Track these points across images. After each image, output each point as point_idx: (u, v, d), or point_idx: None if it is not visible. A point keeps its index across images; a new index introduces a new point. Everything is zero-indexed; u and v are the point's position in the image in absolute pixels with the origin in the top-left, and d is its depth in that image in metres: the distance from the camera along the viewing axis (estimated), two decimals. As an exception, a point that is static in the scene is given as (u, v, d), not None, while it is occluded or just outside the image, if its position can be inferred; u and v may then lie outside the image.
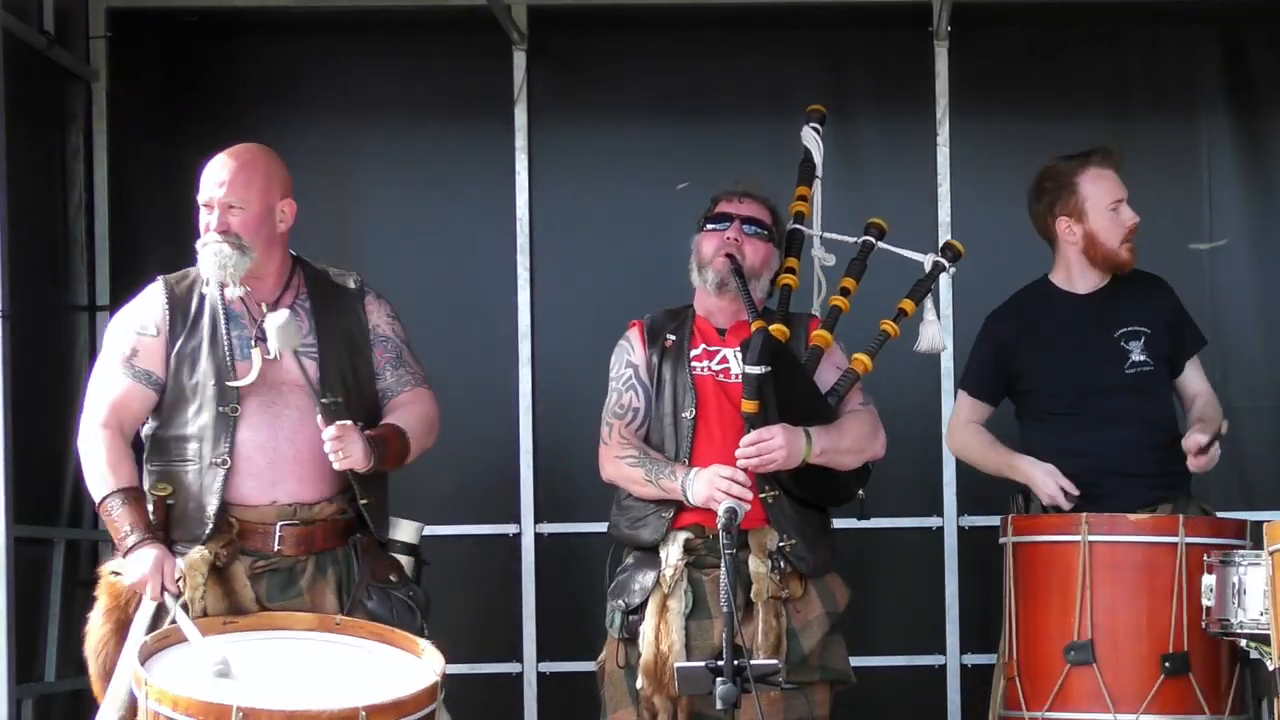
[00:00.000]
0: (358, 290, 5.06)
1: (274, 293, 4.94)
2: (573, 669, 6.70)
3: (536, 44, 6.83)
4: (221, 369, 4.83)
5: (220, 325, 4.87)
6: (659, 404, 5.21)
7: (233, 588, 4.76)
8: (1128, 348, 5.53)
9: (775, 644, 5.01)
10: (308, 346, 4.88)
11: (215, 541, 4.77)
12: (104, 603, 4.85)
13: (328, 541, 4.86)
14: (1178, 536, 5.08)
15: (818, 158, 5.62)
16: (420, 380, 5.05)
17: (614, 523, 5.25)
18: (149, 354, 4.88)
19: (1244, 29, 6.81)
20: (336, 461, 4.75)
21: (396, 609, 4.84)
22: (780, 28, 6.87)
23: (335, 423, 4.74)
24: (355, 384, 4.93)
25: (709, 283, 5.23)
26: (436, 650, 4.64)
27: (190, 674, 4.43)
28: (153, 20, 6.84)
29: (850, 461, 5.18)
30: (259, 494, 4.81)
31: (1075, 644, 5.14)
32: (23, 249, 5.80)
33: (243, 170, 4.93)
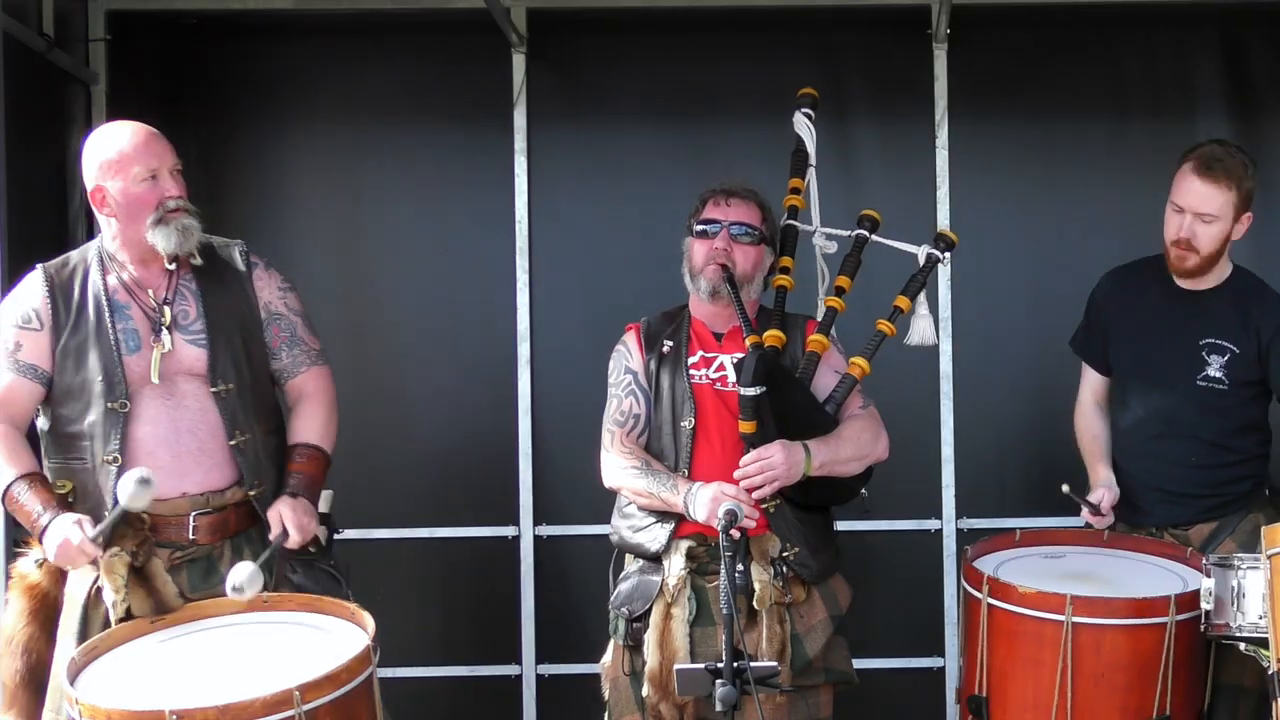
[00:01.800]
0: (245, 263, 4.94)
1: (161, 276, 4.83)
2: (571, 671, 6.70)
3: (536, 47, 6.83)
4: (109, 364, 4.75)
5: (105, 317, 4.78)
6: (657, 412, 5.20)
7: (154, 586, 4.71)
8: (1207, 360, 5.37)
9: (780, 650, 5.01)
10: (196, 334, 4.81)
11: (128, 540, 4.70)
12: (25, 604, 4.78)
13: (241, 524, 4.84)
14: (1064, 615, 4.95)
15: (810, 145, 5.60)
16: (316, 357, 4.99)
17: (615, 528, 5.25)
18: (33, 347, 4.79)
19: (1242, 32, 6.81)
20: (300, 543, 4.75)
21: (321, 580, 4.82)
22: (779, 30, 6.87)
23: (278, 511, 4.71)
24: (249, 368, 4.86)
25: (701, 291, 5.22)
26: (368, 614, 4.57)
27: (131, 679, 4.39)
28: (152, 23, 6.83)
29: (853, 468, 5.17)
30: (168, 487, 4.73)
31: (974, 697, 5.12)
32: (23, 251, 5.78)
33: (161, 136, 4.83)
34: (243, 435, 4.82)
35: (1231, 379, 5.36)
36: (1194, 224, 5.35)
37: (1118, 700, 5.00)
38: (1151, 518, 5.40)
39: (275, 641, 4.57)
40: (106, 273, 4.82)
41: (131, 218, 4.77)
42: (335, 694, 4.29)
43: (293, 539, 4.74)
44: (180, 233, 4.76)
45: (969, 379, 6.79)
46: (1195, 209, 5.34)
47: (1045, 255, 6.81)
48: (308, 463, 4.88)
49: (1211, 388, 5.36)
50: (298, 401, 4.97)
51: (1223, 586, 4.88)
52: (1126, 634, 4.98)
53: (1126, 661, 4.99)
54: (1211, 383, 5.36)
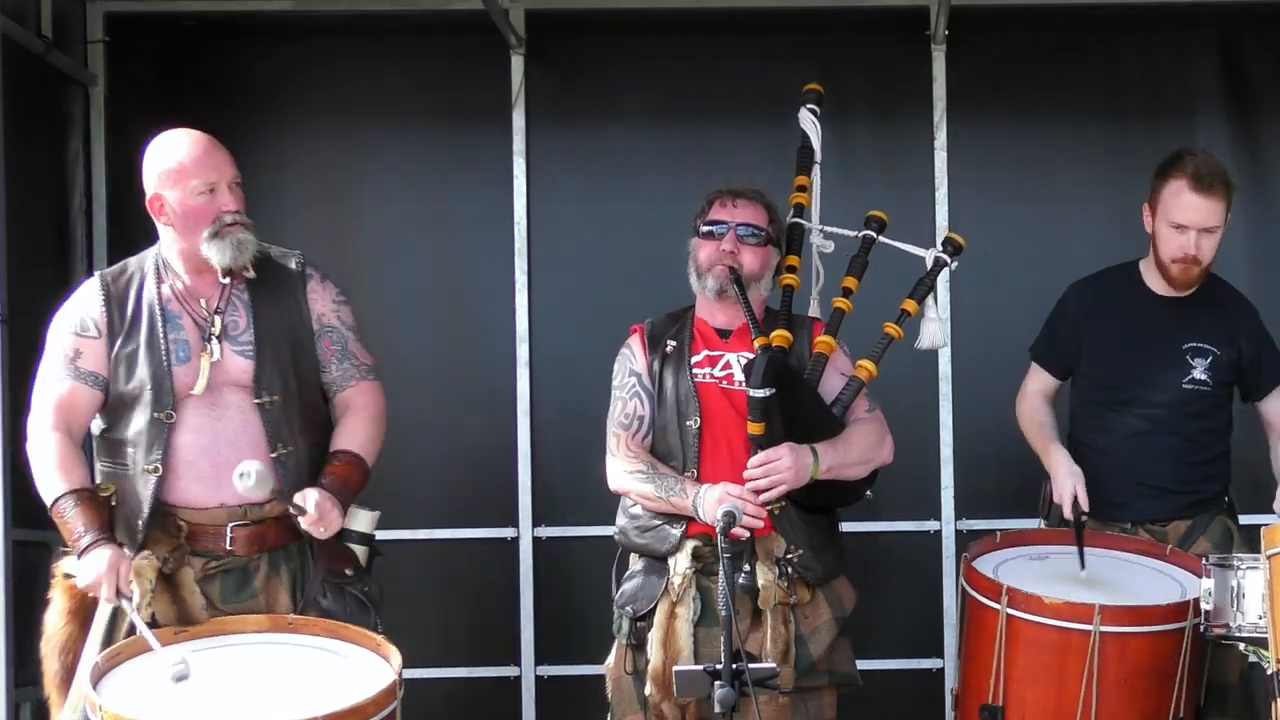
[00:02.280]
0: (300, 274, 4.91)
1: (214, 286, 4.82)
2: (571, 672, 6.70)
3: (534, 48, 6.83)
4: (159, 373, 4.74)
5: (158, 326, 4.78)
6: (661, 412, 5.19)
7: (181, 595, 4.70)
8: (1192, 363, 5.45)
9: (784, 651, 5.01)
10: (244, 345, 4.80)
11: (161, 546, 4.70)
12: (64, 603, 4.78)
13: (280, 538, 4.80)
14: (1092, 625, 4.97)
15: (815, 142, 5.59)
16: (366, 372, 4.95)
17: (622, 529, 5.23)
18: (91, 355, 4.79)
19: (1240, 33, 6.82)
20: (317, 535, 4.71)
21: (350, 606, 4.77)
22: (778, 32, 6.87)
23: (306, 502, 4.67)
24: (296, 381, 4.82)
25: (708, 290, 5.21)
26: (394, 646, 4.57)
27: (143, 692, 4.37)
28: (151, 24, 6.84)
29: (859, 472, 5.17)
30: (206, 497, 4.74)
31: (988, 707, 5.11)
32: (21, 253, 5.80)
33: (223, 148, 4.81)
34: (285, 448, 4.78)
35: (1217, 380, 5.46)
36: (1199, 239, 5.40)
37: (1138, 705, 5.03)
38: (1130, 512, 5.45)
39: (297, 665, 4.55)
40: (161, 281, 4.82)
41: (188, 229, 4.76)
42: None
43: (309, 517, 4.67)
44: (235, 247, 4.74)
45: (968, 380, 6.80)
46: (1200, 225, 5.39)
47: (1044, 256, 6.81)
48: (343, 466, 4.82)
49: (1198, 390, 5.46)
50: (344, 414, 4.93)
51: (1222, 587, 4.90)
52: (1150, 640, 5.02)
53: (1148, 667, 5.02)
54: (1198, 385, 5.46)
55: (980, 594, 5.14)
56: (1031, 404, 5.70)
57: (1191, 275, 5.45)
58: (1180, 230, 5.39)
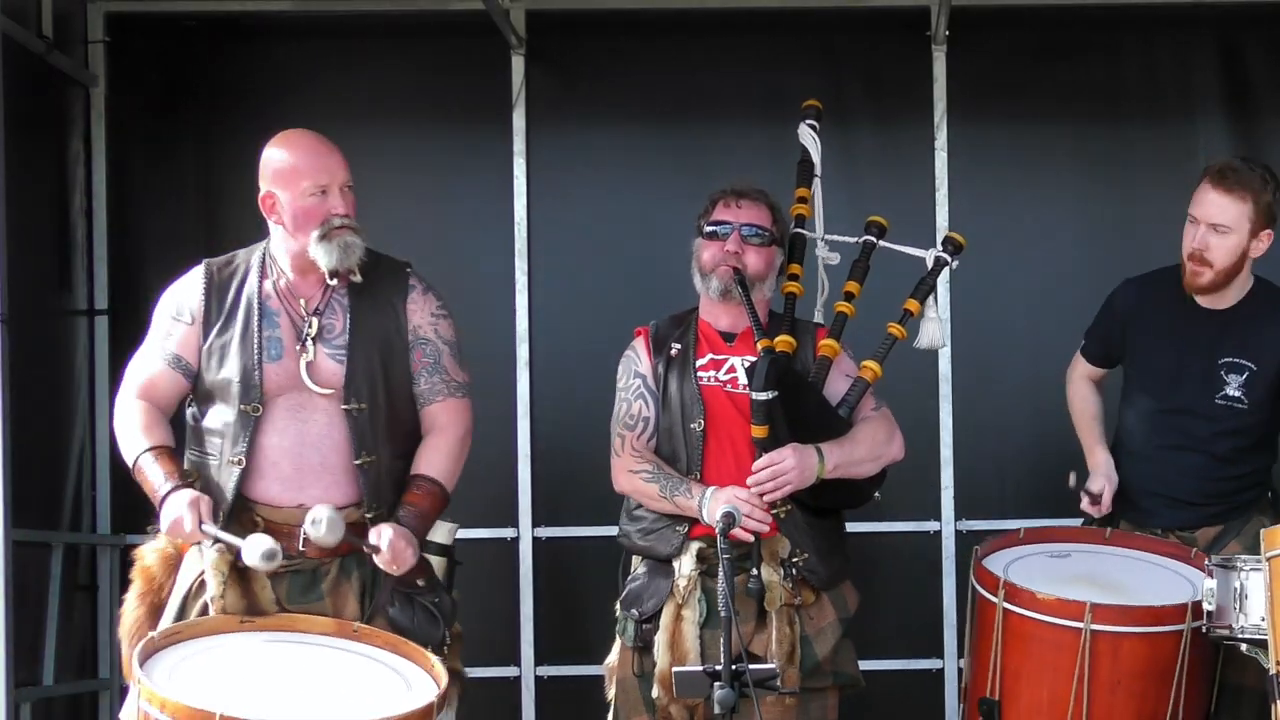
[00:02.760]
0: (402, 283, 4.91)
1: (317, 286, 4.82)
2: (571, 673, 6.71)
3: (535, 49, 6.84)
4: (249, 367, 4.74)
5: (254, 321, 4.77)
6: (666, 415, 5.17)
7: (252, 588, 4.69)
8: (1225, 379, 5.33)
9: (789, 652, 4.99)
10: (338, 348, 4.79)
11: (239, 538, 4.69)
12: (138, 586, 4.80)
13: (353, 546, 4.76)
14: (1083, 623, 4.94)
15: (815, 156, 5.58)
16: (454, 389, 4.92)
17: (624, 531, 5.22)
18: (184, 340, 4.80)
19: (1240, 34, 6.82)
20: (393, 573, 4.69)
21: (419, 617, 4.75)
22: (778, 32, 6.88)
23: (380, 540, 4.64)
24: (385, 388, 4.81)
25: (712, 291, 5.20)
26: (444, 668, 4.55)
27: (197, 673, 4.40)
28: (151, 25, 6.84)
29: (867, 470, 5.15)
30: (286, 497, 4.74)
31: (986, 700, 5.10)
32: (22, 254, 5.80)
33: (338, 151, 4.83)
34: (369, 456, 4.76)
35: (1250, 398, 5.33)
36: (1207, 235, 5.28)
37: (1133, 707, 5.00)
38: (1158, 519, 5.39)
39: (349, 673, 4.54)
40: (265, 277, 4.82)
41: (297, 229, 4.75)
42: None
43: (382, 556, 4.65)
44: (342, 249, 4.73)
45: (968, 381, 6.80)
46: (1209, 219, 5.28)
47: (1044, 257, 6.82)
48: (423, 496, 4.79)
49: (1231, 407, 5.34)
50: (429, 432, 4.89)
51: (1225, 588, 4.87)
52: (1144, 641, 4.99)
53: (1143, 669, 4.99)
54: (1231, 402, 5.34)
55: (981, 587, 5.14)
56: (1080, 389, 5.61)
57: (1201, 280, 5.31)
58: (1193, 224, 5.31)
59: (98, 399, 6.73)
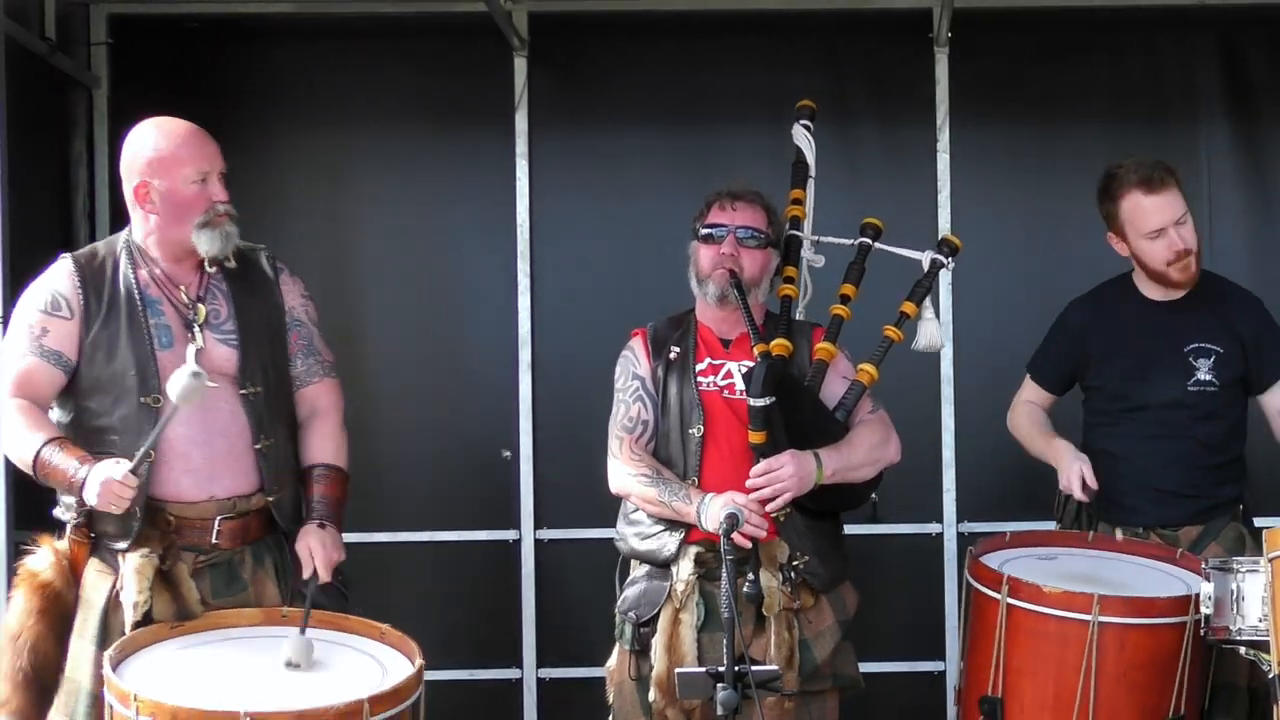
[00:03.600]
0: (272, 268, 4.92)
1: (192, 274, 4.81)
2: (572, 675, 6.71)
3: (538, 50, 6.84)
4: (142, 358, 4.70)
5: (138, 310, 4.74)
6: (665, 419, 5.18)
7: (179, 591, 4.67)
8: (1195, 364, 5.42)
9: (788, 656, 4.99)
10: (227, 334, 4.78)
11: (155, 542, 4.67)
12: (34, 601, 4.70)
13: (260, 531, 4.79)
14: (1090, 615, 4.95)
15: (810, 157, 5.58)
16: (328, 369, 4.96)
17: (622, 535, 5.22)
18: (59, 334, 4.73)
19: (1242, 35, 6.82)
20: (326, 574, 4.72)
21: (333, 595, 4.76)
22: (781, 34, 6.87)
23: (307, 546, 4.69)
24: (275, 372, 4.83)
25: (709, 295, 5.20)
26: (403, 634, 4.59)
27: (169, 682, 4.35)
28: (154, 26, 6.85)
29: (865, 474, 5.16)
30: (196, 490, 4.72)
31: (987, 698, 5.11)
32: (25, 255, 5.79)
33: (211, 138, 4.81)
34: (267, 440, 4.78)
35: (1223, 378, 5.42)
36: (1179, 230, 5.39)
37: (1137, 700, 5.00)
38: (1142, 517, 5.43)
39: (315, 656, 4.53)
40: (137, 267, 4.79)
41: (176, 218, 4.75)
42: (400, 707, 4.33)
43: (322, 578, 4.69)
44: (224, 237, 4.75)
45: (970, 383, 6.80)
46: (1173, 218, 5.39)
47: (1046, 258, 6.81)
48: (330, 485, 4.84)
49: (1203, 391, 5.42)
50: (310, 416, 4.92)
51: (1222, 590, 4.89)
52: (1149, 633, 4.99)
53: (1147, 661, 4.99)
54: (1203, 386, 5.42)
55: (982, 585, 5.13)
56: (1024, 409, 5.71)
57: (1191, 269, 5.42)
58: (1159, 236, 5.39)
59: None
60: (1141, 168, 5.43)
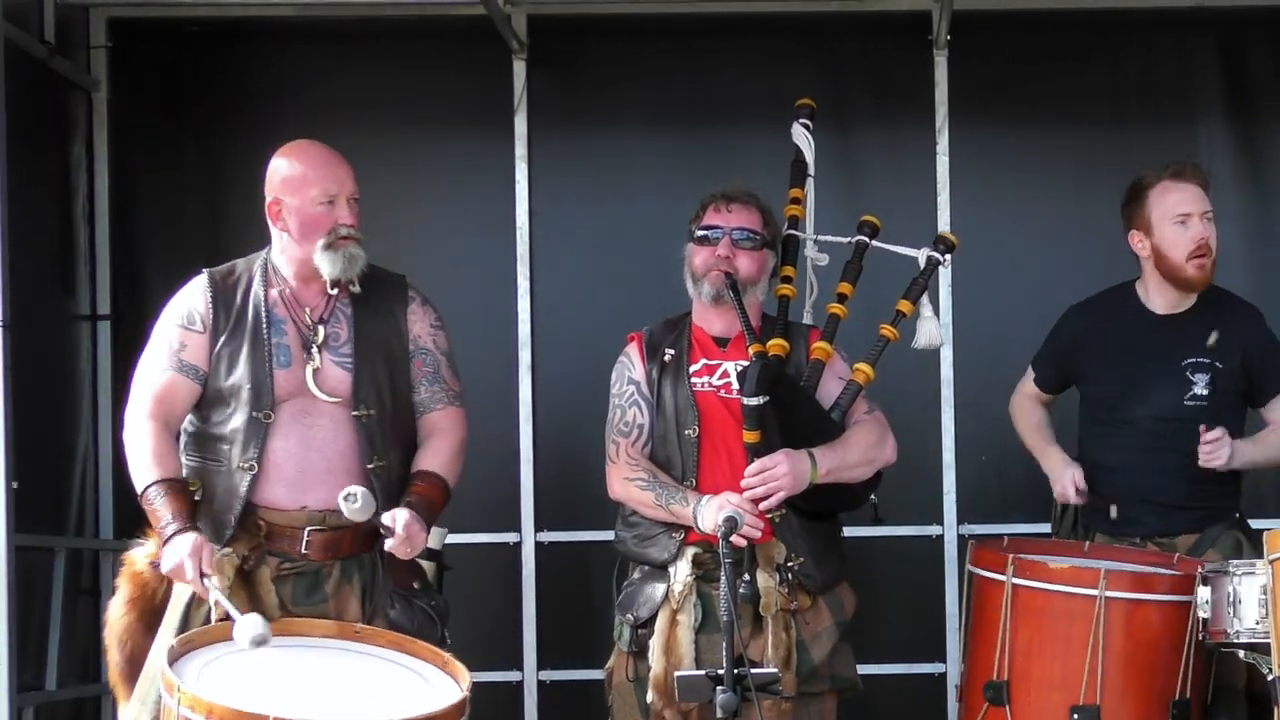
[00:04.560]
0: (402, 295, 4.98)
1: (319, 295, 4.87)
2: (573, 677, 6.71)
3: (537, 53, 6.84)
4: (259, 374, 4.78)
5: (263, 328, 4.82)
6: (660, 421, 5.18)
7: (257, 592, 4.74)
8: (1192, 379, 5.40)
9: (786, 657, 5.00)
10: (344, 356, 4.84)
11: (241, 544, 4.75)
12: (126, 591, 4.84)
13: (354, 547, 4.83)
14: (1097, 589, 4.97)
15: (809, 156, 5.59)
16: (453, 398, 4.99)
17: (620, 538, 5.23)
18: (194, 348, 4.83)
19: (1242, 37, 6.82)
20: (402, 555, 4.73)
21: (418, 618, 4.89)
22: (780, 37, 6.88)
23: (395, 523, 4.69)
24: (391, 396, 4.87)
25: (704, 296, 5.20)
26: (460, 664, 4.60)
27: (222, 679, 4.41)
28: (154, 30, 6.85)
29: (861, 474, 5.17)
30: (289, 500, 4.78)
31: (992, 683, 5.11)
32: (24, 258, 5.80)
33: (347, 164, 4.89)
34: (380, 461, 4.81)
35: (1220, 392, 5.42)
36: (1205, 224, 5.41)
37: (1144, 682, 5.02)
38: (1139, 527, 5.42)
39: (362, 673, 4.57)
40: (269, 285, 4.87)
41: (303, 237, 4.81)
42: None
43: (397, 537, 4.68)
44: (346, 260, 4.80)
45: (970, 384, 6.80)
46: (1201, 210, 5.41)
47: (1046, 260, 6.82)
48: (429, 487, 4.84)
49: (1200, 405, 5.41)
50: (428, 437, 4.95)
51: (1219, 593, 4.89)
52: (1156, 611, 5.02)
53: (1154, 641, 5.01)
54: (1199, 400, 5.42)
55: (986, 570, 5.13)
56: (1028, 405, 5.73)
57: (1208, 270, 5.41)
58: (1185, 222, 5.40)
59: (100, 404, 6.75)
60: (1172, 163, 5.47)
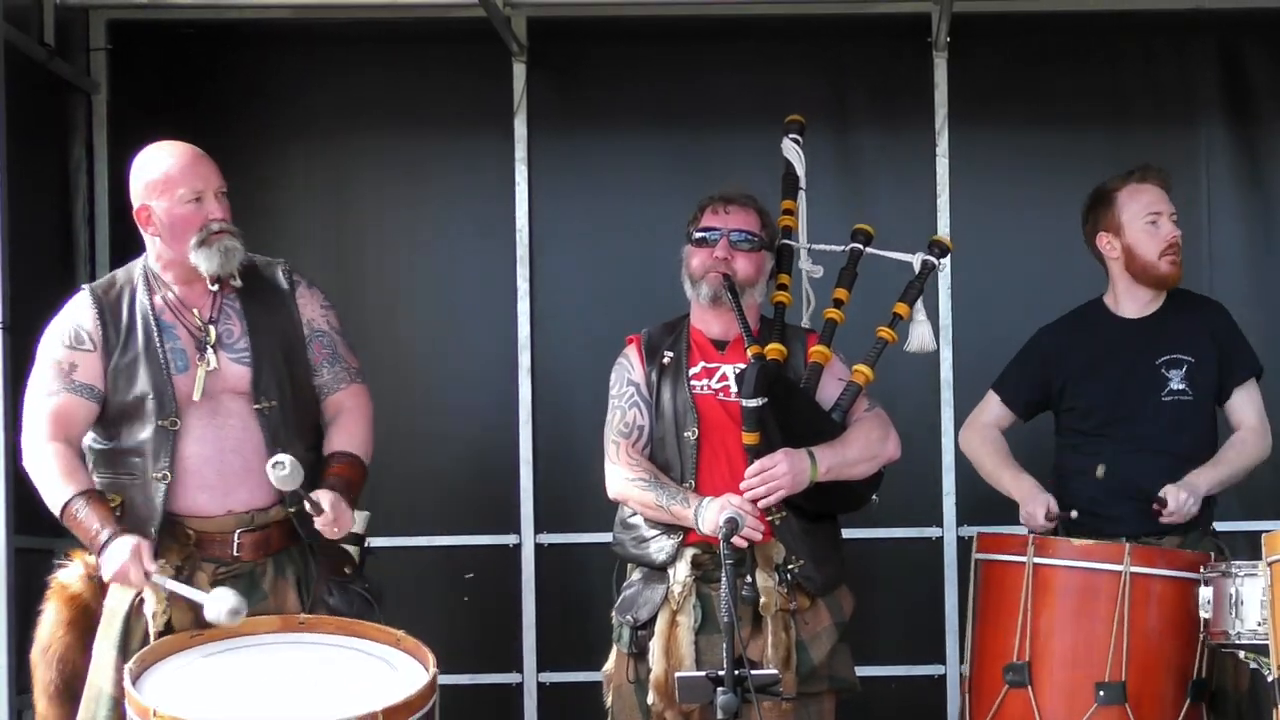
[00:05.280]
0: (288, 281, 4.94)
1: (204, 295, 4.85)
2: (572, 679, 6.70)
3: (536, 55, 6.84)
4: (159, 382, 4.76)
5: (154, 336, 4.80)
6: (660, 424, 5.19)
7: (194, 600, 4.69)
8: (1167, 375, 5.46)
9: (785, 657, 5.00)
10: (240, 352, 4.83)
11: (173, 554, 4.73)
12: (63, 613, 4.79)
13: (283, 541, 4.83)
14: (1122, 565, 4.99)
15: (799, 169, 5.60)
16: (355, 374, 4.99)
17: (618, 540, 5.23)
18: (86, 367, 4.80)
19: (1242, 39, 6.82)
20: (329, 535, 4.73)
21: (356, 602, 4.82)
22: (780, 39, 6.88)
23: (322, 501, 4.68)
24: (291, 385, 4.86)
25: (702, 297, 5.21)
26: (416, 639, 4.61)
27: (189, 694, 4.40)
28: (153, 32, 6.86)
29: (863, 470, 5.17)
30: (213, 505, 4.77)
31: (1013, 665, 5.12)
32: (24, 261, 5.80)
33: (209, 159, 4.86)
34: (284, 453, 4.78)
35: (1196, 387, 5.48)
36: (1172, 224, 5.54)
37: (1166, 659, 5.06)
38: (1124, 525, 5.41)
39: (322, 664, 4.57)
40: (153, 292, 4.85)
41: (175, 238, 4.79)
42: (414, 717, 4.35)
43: (325, 516, 4.68)
44: (223, 254, 4.78)
45: (970, 387, 6.77)
46: (1169, 209, 5.56)
47: (1046, 263, 6.81)
48: (344, 467, 4.85)
49: (1178, 400, 5.47)
50: (336, 416, 4.96)
51: (1220, 594, 4.90)
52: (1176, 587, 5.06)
53: (1175, 618, 5.04)
54: (1177, 395, 5.47)
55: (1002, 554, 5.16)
56: (982, 433, 5.74)
57: (1179, 265, 5.53)
58: (1156, 221, 5.52)
59: (100, 405, 6.74)
60: (1138, 167, 5.60)
